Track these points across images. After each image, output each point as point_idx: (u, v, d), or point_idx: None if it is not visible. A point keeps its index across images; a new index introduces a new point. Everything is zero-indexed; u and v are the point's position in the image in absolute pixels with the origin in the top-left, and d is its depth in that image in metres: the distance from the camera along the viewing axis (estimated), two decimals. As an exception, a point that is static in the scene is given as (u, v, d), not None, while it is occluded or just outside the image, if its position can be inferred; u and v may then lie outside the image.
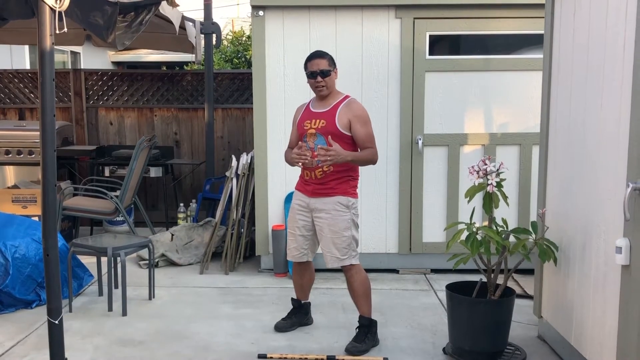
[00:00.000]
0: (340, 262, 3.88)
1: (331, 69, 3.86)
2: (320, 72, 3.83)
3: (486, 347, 3.66)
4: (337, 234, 3.84)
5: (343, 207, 3.85)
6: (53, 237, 3.07)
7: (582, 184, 3.44)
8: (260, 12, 5.32)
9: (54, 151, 3.02)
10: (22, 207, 6.60)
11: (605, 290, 3.13)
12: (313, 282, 4.31)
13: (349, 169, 3.87)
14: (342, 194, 3.85)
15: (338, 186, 3.85)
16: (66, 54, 12.08)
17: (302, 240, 4.02)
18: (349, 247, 3.86)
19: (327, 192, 3.86)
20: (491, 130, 5.45)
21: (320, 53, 3.92)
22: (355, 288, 3.94)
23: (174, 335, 4.17)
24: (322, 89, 3.87)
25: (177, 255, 5.95)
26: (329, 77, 3.85)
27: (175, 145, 7.80)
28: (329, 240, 3.87)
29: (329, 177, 3.85)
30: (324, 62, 3.85)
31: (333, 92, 3.92)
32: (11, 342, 4.04)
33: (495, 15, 5.30)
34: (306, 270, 4.17)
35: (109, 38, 3.56)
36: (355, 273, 3.91)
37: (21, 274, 4.59)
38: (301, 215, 3.99)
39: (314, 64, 3.86)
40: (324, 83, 3.85)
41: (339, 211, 3.84)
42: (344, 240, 3.84)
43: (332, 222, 3.85)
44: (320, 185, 3.88)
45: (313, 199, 3.91)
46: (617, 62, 3.02)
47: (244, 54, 12.97)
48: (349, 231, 3.85)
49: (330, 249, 3.88)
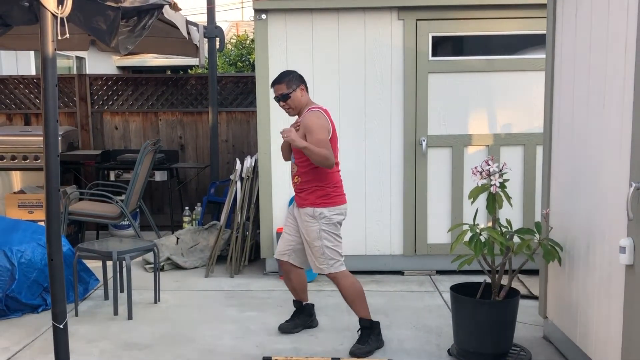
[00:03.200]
0: (319, 270, 3.99)
1: (290, 91, 3.93)
2: (280, 96, 3.96)
3: (491, 348, 3.65)
4: (310, 244, 3.96)
5: (310, 217, 3.92)
6: (57, 242, 3.08)
7: (586, 184, 3.43)
8: (263, 15, 5.33)
9: (57, 156, 3.03)
10: (29, 212, 6.64)
11: (610, 290, 3.12)
12: (305, 285, 4.34)
13: (314, 179, 3.93)
14: (310, 204, 3.93)
15: (307, 197, 3.95)
16: (71, 60, 12.12)
17: (288, 240, 4.14)
18: (324, 257, 3.92)
19: (301, 202, 3.99)
20: (495, 130, 5.44)
21: (278, 78, 3.99)
22: (344, 294, 3.99)
23: (179, 338, 4.18)
24: (288, 111, 4.03)
25: (182, 258, 5.96)
26: (290, 100, 3.95)
27: (180, 149, 7.82)
28: (308, 249, 4.00)
29: (299, 187, 4.00)
30: (281, 87, 3.95)
31: (304, 108, 4.00)
32: (17, 346, 4.06)
33: (497, 15, 5.29)
34: (290, 272, 4.20)
35: (112, 43, 3.57)
36: (340, 280, 3.96)
37: (27, 279, 4.61)
38: (290, 220, 4.16)
39: (274, 90, 4.00)
40: (287, 106, 3.99)
41: (307, 222, 3.93)
42: (316, 249, 3.93)
43: (305, 232, 3.97)
44: (297, 196, 4.05)
45: (296, 209, 4.06)
46: (619, 62, 3.01)
47: (247, 58, 12.98)
48: (319, 241, 3.90)
49: (310, 257, 4.01)
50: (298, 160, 3.97)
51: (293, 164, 4.04)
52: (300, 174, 3.97)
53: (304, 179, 3.95)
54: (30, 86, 7.83)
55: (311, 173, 3.92)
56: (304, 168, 3.94)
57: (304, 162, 3.93)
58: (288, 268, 4.19)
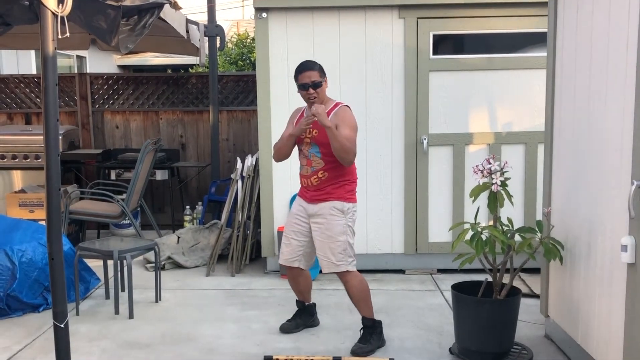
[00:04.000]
0: (336, 268, 3.88)
1: (322, 80, 3.86)
2: (312, 84, 3.82)
3: (492, 347, 3.65)
4: (332, 239, 3.85)
5: (338, 211, 3.85)
6: (58, 241, 3.08)
7: (587, 182, 3.43)
8: (264, 14, 5.32)
9: (57, 155, 3.02)
10: (29, 211, 6.64)
11: (612, 288, 3.12)
12: (311, 286, 4.31)
13: (344, 174, 3.87)
14: (338, 198, 3.85)
15: (334, 191, 3.86)
16: (72, 59, 12.12)
17: (296, 245, 4.03)
18: (344, 253, 3.86)
19: (324, 197, 3.87)
20: (496, 129, 5.43)
21: (310, 65, 3.88)
22: (352, 294, 3.94)
23: (180, 337, 4.18)
24: (314, 100, 3.86)
25: (183, 257, 5.96)
26: (320, 88, 3.84)
27: (180, 148, 7.81)
28: (324, 245, 3.88)
29: (325, 183, 3.87)
30: (315, 74, 3.83)
31: (324, 101, 3.90)
32: (18, 345, 4.06)
33: (498, 14, 5.28)
34: (299, 276, 4.15)
35: (112, 41, 3.57)
36: (351, 279, 3.91)
37: (28, 278, 4.61)
38: (298, 220, 4.01)
39: (305, 76, 3.84)
40: (316, 94, 3.84)
41: (334, 215, 3.85)
42: (339, 245, 3.84)
43: (327, 227, 3.86)
44: (317, 192, 3.90)
45: (311, 205, 3.93)
46: (621, 60, 3.00)
47: (248, 56, 12.98)
48: (344, 236, 3.85)
49: (326, 254, 3.89)
50: (325, 156, 3.83)
51: (316, 159, 3.86)
52: (327, 169, 3.84)
53: (332, 174, 3.84)
54: (31, 85, 7.83)
55: (339, 168, 3.83)
56: (331, 163, 3.82)
57: (332, 158, 3.80)
58: (297, 272, 4.13)
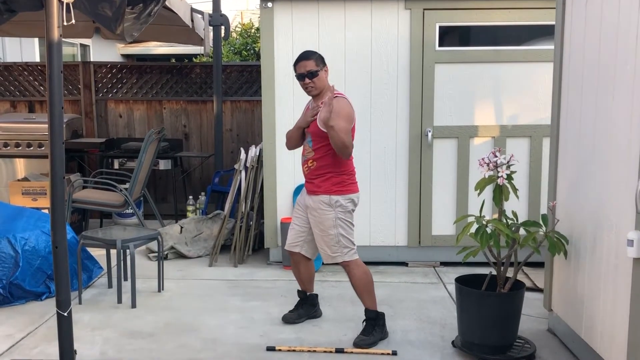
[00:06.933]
0: (332, 259, 3.93)
1: (319, 69, 3.84)
2: (307, 73, 3.83)
3: (495, 340, 3.64)
4: (324, 232, 3.89)
5: (326, 205, 3.86)
6: (62, 229, 3.06)
7: (593, 176, 3.41)
8: (269, 3, 5.29)
9: (62, 144, 3.01)
10: (32, 199, 6.63)
11: (616, 283, 3.10)
12: (313, 276, 4.32)
13: (330, 165, 3.86)
14: (325, 192, 3.86)
15: (321, 184, 3.87)
16: (76, 47, 12.08)
17: (298, 231, 4.08)
18: (338, 245, 3.87)
19: (314, 190, 3.91)
20: (501, 122, 5.41)
21: (306, 54, 3.89)
22: (354, 283, 3.96)
23: (182, 327, 4.18)
24: (311, 90, 3.88)
25: (186, 247, 5.96)
26: (317, 78, 3.83)
27: (184, 137, 7.80)
28: (319, 238, 3.94)
29: (313, 173, 3.90)
30: (310, 63, 3.83)
31: (324, 91, 3.88)
32: (21, 333, 4.06)
33: (505, 6, 5.25)
34: (299, 263, 4.17)
35: (117, 30, 3.54)
36: (353, 269, 3.92)
37: (31, 266, 4.61)
38: (299, 210, 4.10)
39: (300, 66, 3.85)
40: (312, 84, 3.85)
41: (323, 210, 3.87)
42: (331, 238, 3.87)
43: (319, 220, 3.89)
44: (309, 183, 3.96)
45: (307, 197, 3.98)
46: (630, 53, 2.97)
47: (252, 46, 12.93)
48: (335, 229, 3.86)
49: (322, 246, 3.94)
50: (316, 144, 3.87)
51: (308, 149, 3.93)
52: (316, 158, 3.87)
53: (320, 164, 3.87)
54: (35, 73, 7.81)
55: (328, 158, 3.84)
56: (321, 153, 3.86)
57: (323, 147, 3.84)
58: (298, 259, 4.16)
